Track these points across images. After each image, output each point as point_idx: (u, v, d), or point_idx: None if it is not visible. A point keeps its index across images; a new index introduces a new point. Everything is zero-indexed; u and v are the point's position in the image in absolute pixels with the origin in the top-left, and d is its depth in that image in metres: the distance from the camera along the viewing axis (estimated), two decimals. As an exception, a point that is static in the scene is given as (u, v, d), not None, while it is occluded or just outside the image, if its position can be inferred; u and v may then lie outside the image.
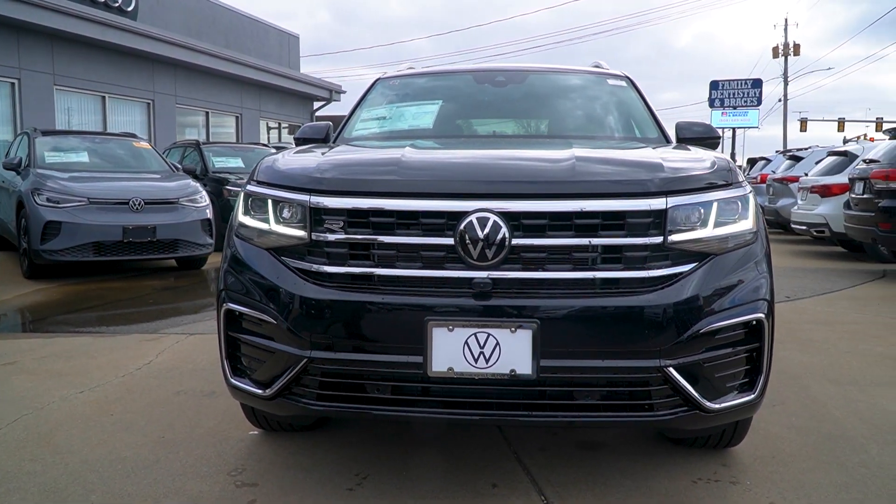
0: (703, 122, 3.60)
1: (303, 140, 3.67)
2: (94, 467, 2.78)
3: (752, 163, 18.80)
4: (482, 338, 2.13)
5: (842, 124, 43.20)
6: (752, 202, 2.46)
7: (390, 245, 2.26)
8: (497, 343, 2.13)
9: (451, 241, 2.21)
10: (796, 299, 6.69)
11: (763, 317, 2.32)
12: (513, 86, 4.10)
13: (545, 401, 2.23)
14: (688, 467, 2.76)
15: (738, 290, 2.30)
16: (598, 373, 2.20)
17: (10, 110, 13.61)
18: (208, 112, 19.60)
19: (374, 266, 2.27)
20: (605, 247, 2.21)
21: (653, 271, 2.22)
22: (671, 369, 2.18)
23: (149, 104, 17.14)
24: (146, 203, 7.94)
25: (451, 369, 2.15)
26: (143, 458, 2.86)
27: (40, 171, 8.23)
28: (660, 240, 2.23)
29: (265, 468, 2.77)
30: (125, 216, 7.77)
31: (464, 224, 2.19)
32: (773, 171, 14.81)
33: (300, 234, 2.36)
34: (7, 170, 8.72)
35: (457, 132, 3.86)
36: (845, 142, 19.70)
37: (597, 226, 2.22)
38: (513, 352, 2.13)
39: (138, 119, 16.93)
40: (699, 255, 2.28)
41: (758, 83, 28.08)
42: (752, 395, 2.35)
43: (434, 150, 3.06)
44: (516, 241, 2.20)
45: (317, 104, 25.19)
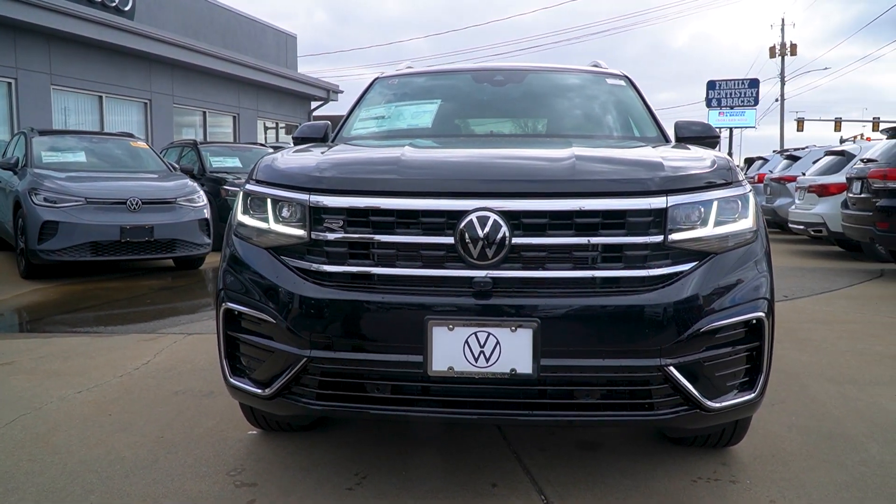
0: (701, 122, 3.60)
1: (301, 139, 3.66)
2: (93, 467, 2.77)
3: (750, 162, 18.82)
4: (482, 337, 2.13)
5: (838, 124, 43.27)
6: (752, 201, 2.46)
7: (390, 244, 2.26)
8: (497, 342, 2.13)
9: (451, 240, 2.20)
10: (794, 298, 6.70)
11: (763, 316, 2.32)
12: (512, 85, 4.09)
13: (545, 400, 2.23)
14: (687, 466, 2.76)
15: (738, 289, 2.30)
16: (598, 372, 2.19)
17: (6, 110, 13.59)
18: (205, 112, 19.59)
19: (374, 265, 2.27)
20: (605, 246, 2.21)
21: (653, 270, 2.22)
22: (672, 368, 2.18)
23: (146, 104, 17.13)
24: (144, 203, 7.92)
25: (451, 368, 2.14)
26: (142, 458, 2.85)
27: (37, 170, 8.21)
28: (660, 239, 2.23)
29: (264, 468, 2.76)
30: (123, 216, 7.75)
31: (464, 223, 2.19)
32: (771, 171, 14.82)
33: (300, 233, 2.35)
34: (4, 170, 8.70)
35: (456, 131, 3.85)
36: (842, 142, 19.73)
37: (597, 225, 2.21)
38: (513, 351, 2.12)
39: (135, 119, 16.91)
40: (699, 254, 2.28)
41: (755, 83, 28.12)
42: (753, 394, 2.35)
43: (434, 149, 3.05)
44: (516, 240, 2.19)
45: (314, 104, 25.20)
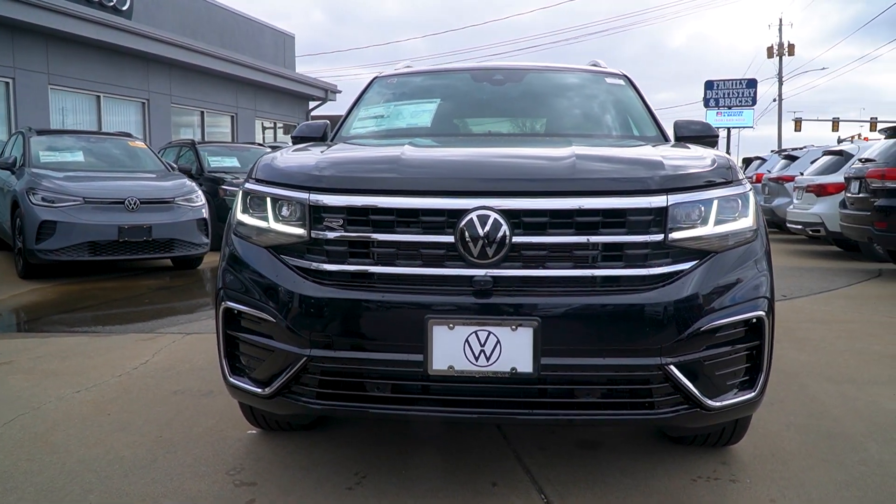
0: (701, 121, 3.60)
1: (300, 139, 3.66)
2: (92, 467, 2.76)
3: (748, 162, 18.85)
4: (483, 336, 2.13)
5: (836, 124, 43.33)
6: (752, 200, 2.46)
7: (390, 243, 2.25)
8: (498, 341, 2.12)
9: (451, 238, 2.20)
10: (793, 298, 6.70)
11: (763, 314, 2.32)
12: (511, 84, 4.09)
13: (546, 399, 2.23)
14: (687, 465, 2.76)
15: (738, 287, 2.30)
16: (598, 371, 2.19)
17: (4, 110, 13.57)
18: (203, 112, 19.57)
19: (374, 264, 2.26)
20: (605, 244, 2.21)
21: (653, 269, 2.21)
22: (672, 367, 2.18)
23: (144, 104, 17.11)
24: (142, 202, 7.91)
25: (451, 367, 2.14)
26: (141, 458, 2.85)
27: (35, 170, 8.19)
28: (660, 237, 2.23)
29: (264, 467, 2.76)
30: (121, 216, 7.73)
31: (464, 222, 2.18)
32: (769, 171, 14.85)
33: (299, 231, 2.34)
34: (2, 169, 8.69)
35: (455, 131, 3.85)
36: (839, 142, 19.76)
37: (597, 223, 2.21)
38: (513, 350, 2.12)
39: (133, 119, 16.89)
40: (700, 252, 2.27)
41: (752, 83, 28.17)
42: (753, 393, 2.34)
43: (433, 148, 3.05)
44: (517, 239, 2.19)
45: (312, 104, 25.17)
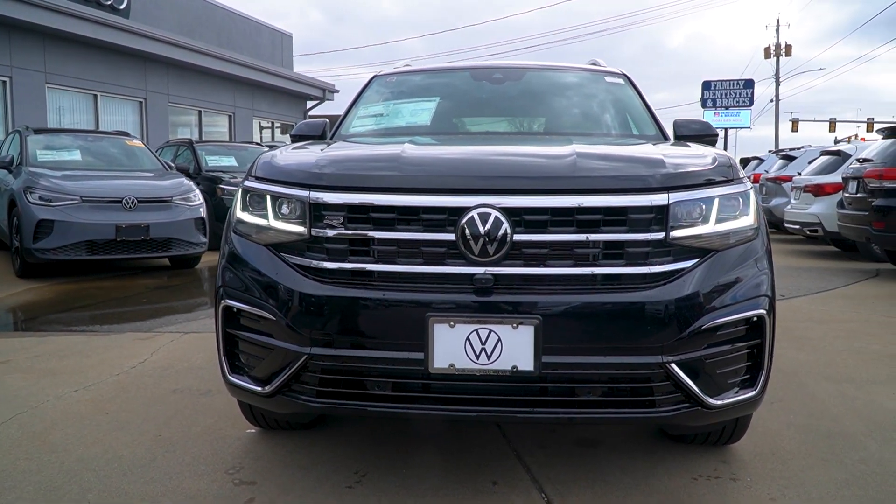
0: (700, 120, 3.60)
1: (299, 137, 3.65)
2: (91, 466, 2.75)
3: (745, 162, 18.86)
4: (484, 334, 2.12)
5: (833, 125, 43.42)
6: (753, 198, 2.45)
7: (391, 241, 2.25)
8: (499, 339, 2.12)
9: (452, 236, 2.19)
10: (791, 298, 6.70)
11: (764, 313, 2.32)
12: (510, 83, 4.08)
13: (547, 397, 2.23)
14: (687, 464, 2.76)
15: (739, 286, 2.30)
16: (600, 369, 2.19)
17: (1, 109, 13.54)
18: (201, 111, 19.54)
19: (375, 262, 2.25)
20: (606, 242, 2.20)
21: (654, 267, 2.21)
22: (673, 365, 2.17)
23: (141, 103, 17.07)
24: (139, 201, 7.89)
25: (452, 365, 2.13)
26: (140, 457, 2.84)
27: (32, 169, 8.17)
28: (661, 235, 2.22)
29: (263, 466, 2.75)
30: (118, 215, 7.71)
31: (465, 219, 2.18)
32: (767, 171, 14.87)
33: (299, 229, 2.34)
34: (-1, 168, 8.66)
35: (454, 129, 3.84)
36: (836, 142, 19.78)
37: (599, 221, 2.21)
38: (514, 348, 2.11)
39: (130, 118, 16.86)
40: (701, 251, 2.27)
41: (750, 83, 28.18)
42: (754, 392, 2.34)
43: (434, 146, 3.04)
44: (518, 237, 2.18)
45: (310, 103, 25.15)
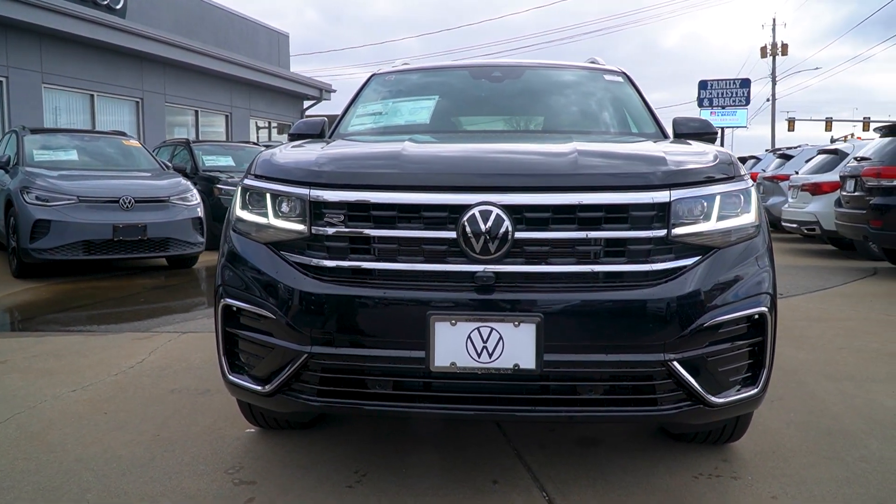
0: (700, 118, 3.60)
1: (297, 136, 3.63)
2: (89, 465, 2.74)
3: (742, 161, 18.85)
4: (485, 332, 2.11)
5: (829, 124, 43.51)
6: (755, 196, 2.45)
7: (391, 239, 2.24)
8: (500, 337, 2.11)
9: (453, 234, 2.18)
10: (789, 296, 6.70)
11: (766, 311, 2.31)
12: (509, 81, 4.07)
13: (548, 395, 2.22)
14: (688, 463, 2.75)
15: (741, 283, 2.29)
16: (601, 367, 2.18)
17: (-3, 108, 13.50)
18: (198, 111, 19.50)
19: (375, 260, 2.24)
20: (608, 240, 2.20)
21: (656, 265, 2.20)
22: (675, 363, 2.16)
23: (138, 103, 17.04)
24: (137, 201, 7.87)
25: (453, 364, 2.12)
26: (139, 457, 2.82)
27: (29, 169, 8.15)
28: (663, 233, 2.22)
29: (263, 466, 2.74)
30: (115, 215, 7.69)
31: (466, 217, 2.17)
32: (764, 170, 14.88)
33: (300, 228, 2.32)
34: (-5, 168, 8.63)
35: (453, 128, 3.83)
36: (832, 141, 19.83)
37: (600, 219, 2.20)
38: (516, 346, 2.10)
39: (127, 118, 16.82)
40: (702, 248, 2.26)
41: (746, 83, 28.19)
42: (755, 390, 2.34)
43: (434, 144, 3.03)
44: (519, 235, 2.17)
45: (307, 103, 25.12)
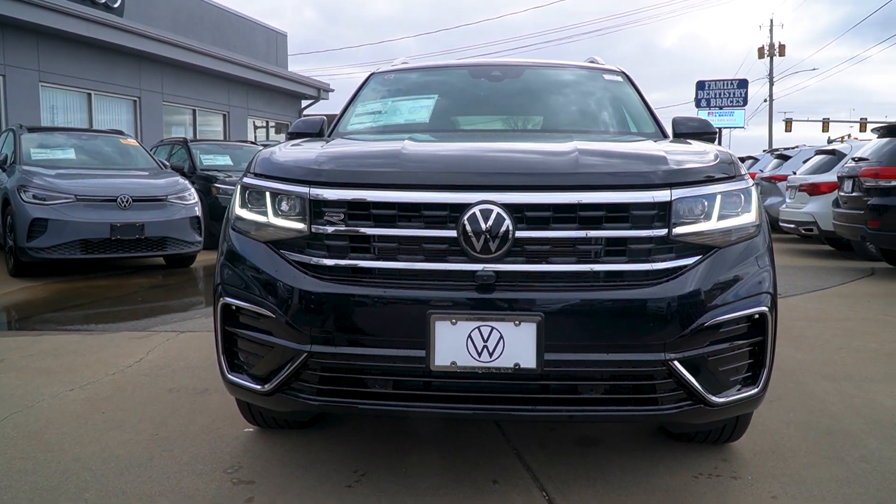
0: (699, 118, 3.59)
1: (296, 134, 3.61)
2: (87, 465, 2.73)
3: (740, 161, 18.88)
4: (486, 331, 2.10)
5: (826, 124, 43.59)
6: (755, 195, 2.45)
7: (392, 237, 2.23)
8: (501, 336, 2.10)
9: (453, 233, 2.18)
10: (787, 296, 6.71)
11: (767, 310, 2.31)
12: (508, 80, 4.07)
13: (549, 395, 2.21)
14: (688, 462, 2.75)
15: (741, 283, 2.29)
16: (602, 366, 2.18)
17: (-6, 107, 13.46)
18: (195, 110, 19.46)
19: (376, 259, 2.24)
20: (609, 239, 2.19)
21: (657, 264, 2.20)
22: (676, 363, 2.16)
23: (135, 101, 16.99)
24: (134, 200, 7.85)
25: (454, 363, 2.11)
26: (137, 456, 2.81)
27: (26, 167, 8.12)
28: (664, 232, 2.21)
29: (262, 466, 2.73)
30: (113, 213, 7.67)
31: (466, 216, 2.16)
32: (761, 170, 14.89)
33: (299, 226, 2.31)
34: (-7, 167, 8.61)
35: (453, 127, 3.82)
36: (830, 142, 19.85)
37: (601, 218, 2.19)
38: (517, 345, 2.10)
39: (124, 117, 16.77)
40: (703, 248, 2.26)
41: (743, 83, 28.24)
42: (756, 389, 2.33)
43: (435, 143, 3.02)
44: (520, 234, 2.17)
45: (305, 103, 25.08)
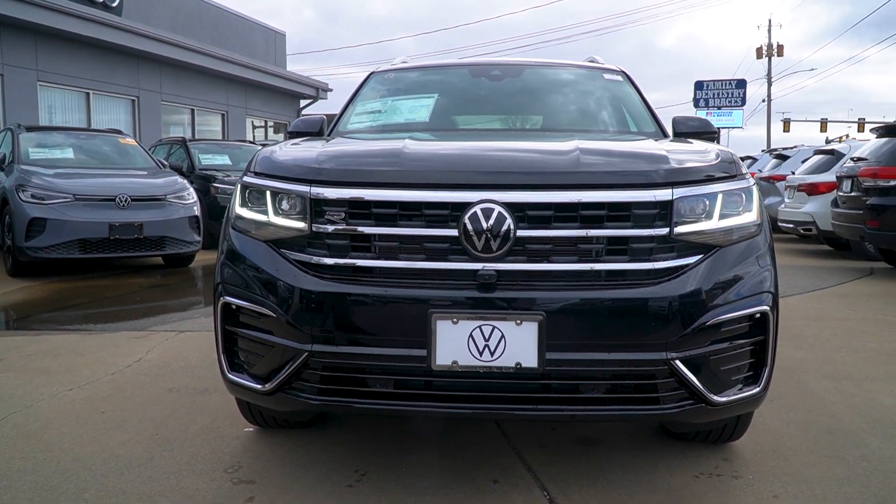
0: (699, 117, 3.59)
1: (296, 134, 3.61)
2: (87, 465, 2.72)
3: (739, 162, 18.88)
4: (487, 330, 2.10)
5: (824, 125, 43.65)
6: (756, 194, 2.44)
7: (393, 236, 2.22)
8: (502, 336, 2.10)
9: (454, 232, 2.17)
10: (786, 296, 6.71)
11: (768, 309, 2.31)
12: (509, 80, 4.07)
13: (551, 394, 2.21)
14: (689, 462, 2.75)
15: (743, 282, 2.29)
16: (603, 366, 2.17)
17: (-7, 107, 13.44)
18: (194, 109, 19.44)
19: (377, 258, 2.23)
20: (610, 238, 2.19)
21: (658, 263, 2.20)
22: (677, 362, 2.16)
23: (134, 101, 16.97)
24: (133, 200, 7.84)
25: (455, 363, 2.11)
26: (137, 456, 2.80)
27: (25, 167, 8.10)
28: (665, 231, 2.21)
29: (262, 465, 2.72)
30: (111, 213, 7.66)
31: (468, 215, 2.16)
32: (760, 170, 14.90)
33: (300, 225, 2.31)
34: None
35: (453, 126, 3.82)
36: (828, 142, 19.87)
37: (602, 217, 2.19)
38: (518, 344, 2.09)
39: (123, 116, 16.76)
40: (704, 247, 2.26)
41: (742, 84, 28.31)
42: (757, 389, 2.33)
43: (436, 142, 3.01)
44: (521, 233, 2.17)
45: (303, 102, 25.06)
